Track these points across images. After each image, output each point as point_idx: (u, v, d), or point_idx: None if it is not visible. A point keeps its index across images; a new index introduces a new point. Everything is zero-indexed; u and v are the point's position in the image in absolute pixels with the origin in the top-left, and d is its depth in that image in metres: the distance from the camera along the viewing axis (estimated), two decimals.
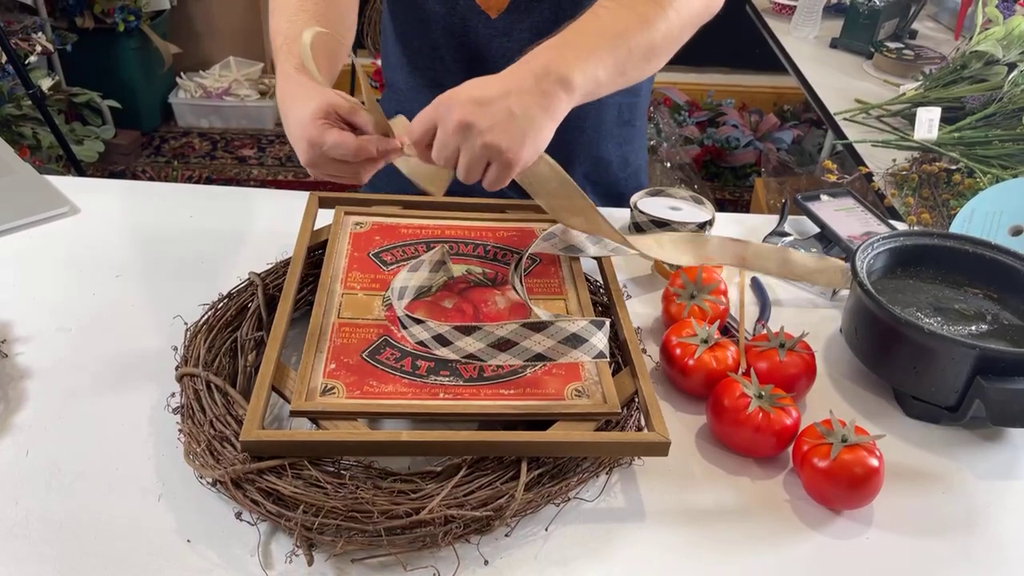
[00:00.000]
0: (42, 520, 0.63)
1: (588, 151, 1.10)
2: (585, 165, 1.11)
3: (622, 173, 1.15)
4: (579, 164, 1.10)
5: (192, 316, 0.78)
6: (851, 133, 1.58)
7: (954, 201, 1.24)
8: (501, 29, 0.96)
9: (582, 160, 1.10)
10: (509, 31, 0.96)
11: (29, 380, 0.76)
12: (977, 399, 0.74)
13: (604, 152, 1.11)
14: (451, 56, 0.99)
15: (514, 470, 0.63)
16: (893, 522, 0.68)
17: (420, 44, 1.01)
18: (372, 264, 0.83)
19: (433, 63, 1.01)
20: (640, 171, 1.19)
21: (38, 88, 2.22)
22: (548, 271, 0.84)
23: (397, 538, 0.59)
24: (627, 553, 0.64)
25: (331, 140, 0.70)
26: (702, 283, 0.85)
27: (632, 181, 1.17)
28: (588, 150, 1.09)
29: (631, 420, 0.70)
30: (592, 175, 1.12)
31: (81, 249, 0.95)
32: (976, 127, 1.43)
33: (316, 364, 0.70)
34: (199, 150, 3.13)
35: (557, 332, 0.67)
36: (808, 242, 1.03)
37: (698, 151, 2.98)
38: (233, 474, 0.61)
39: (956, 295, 0.85)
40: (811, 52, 2.08)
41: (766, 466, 0.72)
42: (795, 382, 0.77)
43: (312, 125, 0.71)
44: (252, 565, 0.60)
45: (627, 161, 1.15)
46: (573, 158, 1.09)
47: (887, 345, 0.79)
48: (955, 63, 1.63)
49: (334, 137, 0.70)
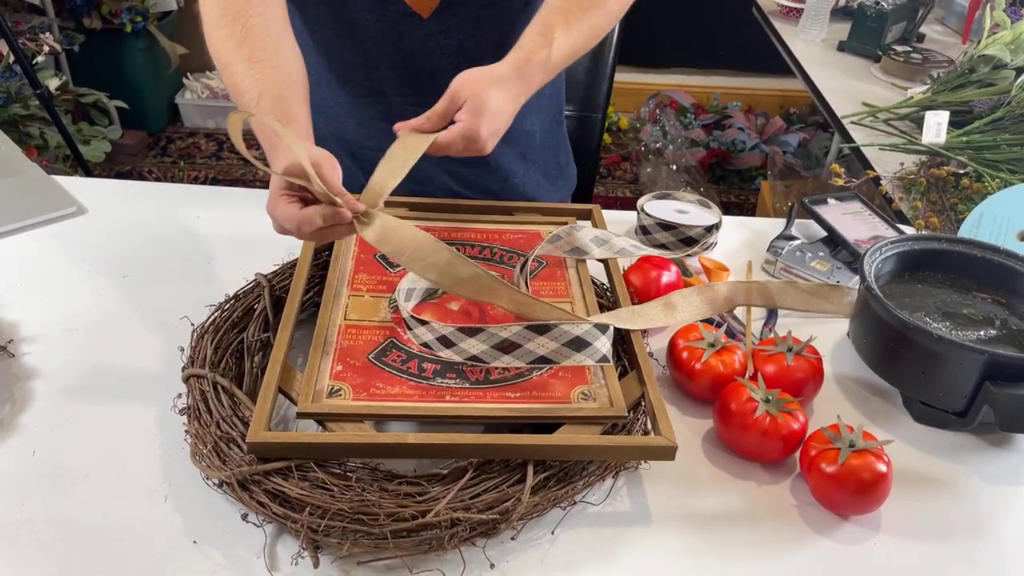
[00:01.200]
0: (48, 521, 0.63)
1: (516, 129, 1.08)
2: (519, 145, 1.09)
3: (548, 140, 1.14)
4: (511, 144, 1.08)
5: (199, 317, 0.78)
6: (858, 136, 1.58)
7: (962, 205, 1.23)
8: (436, 28, 0.94)
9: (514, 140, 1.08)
10: (445, 29, 0.94)
11: (36, 380, 0.76)
12: (986, 404, 0.73)
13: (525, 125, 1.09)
14: (387, 63, 0.98)
15: (520, 473, 0.63)
16: (901, 528, 0.68)
17: (352, 56, 0.98)
18: (378, 266, 0.83)
19: (368, 72, 0.99)
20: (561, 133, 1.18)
21: (45, 88, 2.22)
22: (554, 274, 0.84)
23: (403, 541, 0.59)
24: (633, 557, 0.64)
25: (279, 215, 0.69)
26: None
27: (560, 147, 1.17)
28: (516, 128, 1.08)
29: (638, 424, 0.69)
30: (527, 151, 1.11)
31: (88, 249, 0.95)
32: (984, 131, 1.43)
33: (322, 366, 0.69)
34: (205, 151, 3.14)
35: (561, 335, 0.67)
36: (815, 246, 1.02)
37: (704, 154, 2.98)
38: (239, 475, 0.61)
39: (964, 300, 0.85)
40: (818, 55, 2.08)
41: (773, 471, 0.72)
42: (803, 387, 0.77)
43: (271, 199, 0.70)
44: (258, 567, 0.60)
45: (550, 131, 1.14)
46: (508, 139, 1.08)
47: (895, 350, 0.78)
48: (963, 67, 1.63)
49: (281, 212, 0.69)
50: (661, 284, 0.86)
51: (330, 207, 0.68)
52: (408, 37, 0.95)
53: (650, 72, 3.31)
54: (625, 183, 3.02)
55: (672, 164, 2.79)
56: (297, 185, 0.69)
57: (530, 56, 0.83)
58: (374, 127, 1.04)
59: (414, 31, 0.94)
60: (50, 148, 2.40)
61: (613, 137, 3.22)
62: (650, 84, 3.25)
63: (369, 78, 1.00)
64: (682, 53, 3.24)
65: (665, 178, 2.75)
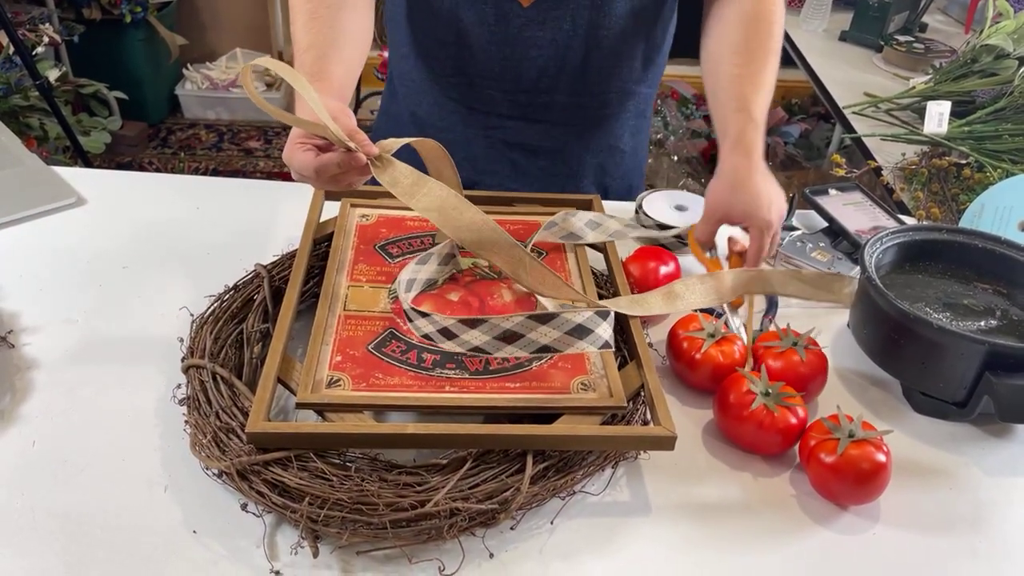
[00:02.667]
0: (48, 511, 0.63)
1: (605, 140, 1.10)
2: (601, 155, 1.11)
3: (632, 163, 1.15)
4: (594, 153, 1.10)
5: (198, 308, 0.78)
6: (860, 127, 1.57)
7: (964, 196, 1.23)
8: (534, 17, 0.95)
9: (598, 149, 1.10)
10: (542, 20, 0.95)
11: (36, 371, 0.76)
12: (986, 395, 0.73)
13: (619, 142, 1.11)
14: (480, 44, 0.98)
15: (519, 463, 0.63)
16: (900, 518, 0.68)
17: (444, 33, 0.99)
18: (378, 256, 0.83)
19: (459, 52, 1.00)
20: (644, 162, 1.19)
21: (45, 79, 2.22)
22: (554, 264, 0.84)
23: (402, 530, 0.59)
24: (632, 547, 0.64)
25: (296, 163, 0.72)
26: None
27: (638, 172, 1.18)
28: (605, 139, 1.09)
29: (637, 414, 0.69)
30: (607, 164, 1.12)
31: (88, 240, 0.95)
32: (986, 121, 1.42)
33: (322, 356, 0.69)
34: (205, 142, 3.13)
35: (563, 323, 0.67)
36: (816, 236, 1.02)
37: (705, 144, 2.97)
38: (239, 465, 0.61)
39: (965, 290, 0.85)
40: (820, 45, 2.07)
41: (772, 462, 0.72)
42: (808, 382, 0.76)
43: (289, 147, 0.73)
44: (258, 557, 0.61)
45: (637, 152, 1.15)
46: (590, 146, 1.09)
47: (895, 340, 0.78)
48: (965, 57, 1.62)
49: (298, 160, 0.71)
50: (660, 275, 0.86)
51: (345, 153, 0.70)
52: (504, 23, 0.95)
53: None
54: None
55: (674, 155, 2.78)
56: (314, 134, 0.71)
57: (750, 145, 0.86)
58: (449, 107, 1.05)
59: (512, 18, 0.95)
60: (50, 139, 2.39)
61: None
62: None
63: (458, 57, 1.01)
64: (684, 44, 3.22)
65: (667, 169, 2.74)
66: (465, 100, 1.04)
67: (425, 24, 1.01)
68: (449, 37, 0.99)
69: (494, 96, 1.02)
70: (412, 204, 0.73)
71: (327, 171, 0.70)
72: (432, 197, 0.73)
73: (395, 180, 0.73)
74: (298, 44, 0.82)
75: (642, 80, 1.06)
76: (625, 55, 1.01)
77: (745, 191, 0.84)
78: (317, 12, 0.83)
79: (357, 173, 0.72)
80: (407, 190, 0.73)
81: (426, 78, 1.05)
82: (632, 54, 1.02)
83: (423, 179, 0.74)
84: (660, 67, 1.09)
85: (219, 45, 3.31)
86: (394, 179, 0.73)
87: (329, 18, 0.83)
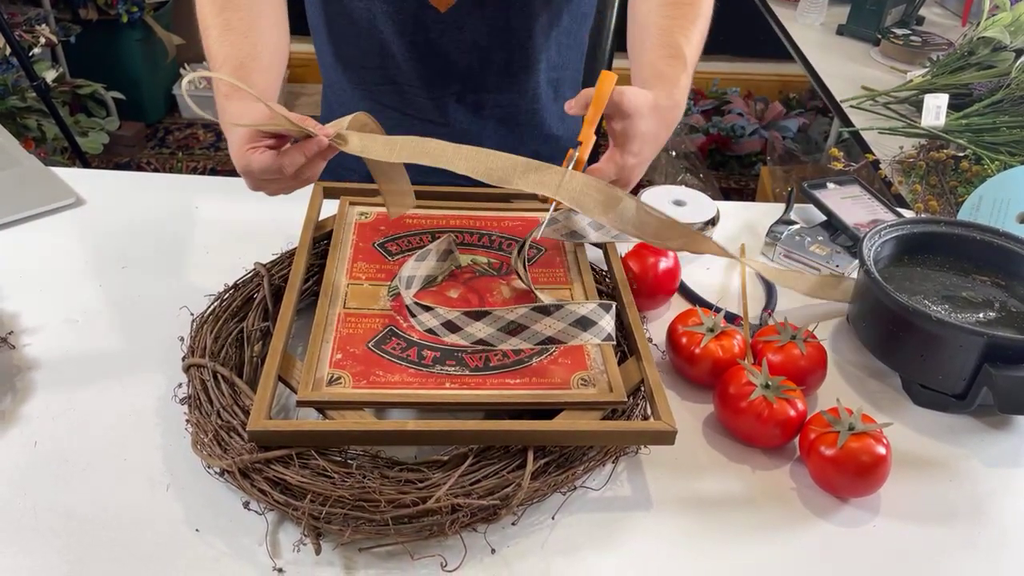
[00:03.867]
0: (50, 511, 0.63)
1: (539, 130, 1.10)
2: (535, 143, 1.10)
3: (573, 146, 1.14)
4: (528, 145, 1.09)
5: (198, 307, 0.78)
6: (857, 120, 1.57)
7: (962, 188, 1.23)
8: (453, 23, 0.95)
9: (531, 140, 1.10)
10: (461, 24, 0.95)
11: (36, 371, 0.76)
12: (985, 387, 0.73)
13: (551, 130, 1.11)
14: (402, 54, 0.98)
15: (520, 459, 0.63)
16: (900, 510, 0.68)
17: (367, 44, 0.99)
18: (377, 254, 0.83)
19: (383, 62, 1.00)
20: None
21: (42, 80, 2.22)
22: (553, 261, 0.84)
23: (404, 527, 0.59)
24: (634, 542, 0.64)
25: (257, 166, 0.71)
26: None
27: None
28: (538, 129, 1.10)
29: (637, 409, 0.70)
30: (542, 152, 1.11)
31: (87, 240, 0.95)
32: (984, 114, 1.42)
33: (322, 354, 0.70)
34: (203, 141, 3.13)
35: (566, 315, 0.67)
36: (814, 230, 1.02)
37: (703, 140, 2.97)
38: (240, 464, 0.61)
39: (964, 282, 0.85)
40: (817, 39, 2.07)
41: (772, 455, 0.72)
42: (808, 375, 0.76)
43: (241, 155, 0.71)
44: (260, 554, 0.61)
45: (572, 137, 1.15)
46: (524, 139, 1.09)
47: (894, 333, 0.78)
48: (962, 49, 1.62)
49: (260, 162, 0.70)
50: (659, 270, 0.86)
51: (305, 140, 0.69)
52: (423, 30, 0.95)
53: None
54: None
55: (671, 150, 2.78)
56: (260, 135, 0.71)
57: (676, 81, 0.81)
58: (387, 115, 1.04)
59: (430, 24, 0.94)
60: (48, 140, 2.39)
61: None
62: None
63: (383, 67, 1.01)
64: None
65: (664, 164, 2.74)
66: (399, 107, 1.04)
67: (346, 33, 1.00)
68: (372, 47, 0.99)
69: (425, 103, 1.02)
70: (394, 159, 0.73)
71: (294, 163, 0.70)
72: (409, 146, 0.73)
73: (365, 147, 0.73)
74: (214, 56, 0.80)
75: (566, 65, 1.07)
76: (543, 46, 1.01)
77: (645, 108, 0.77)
78: (230, 23, 0.80)
79: (321, 158, 0.72)
80: (381, 150, 0.73)
81: (356, 86, 1.05)
82: (549, 43, 1.02)
83: (387, 137, 0.74)
84: (577, 49, 1.09)
85: None
86: (364, 146, 0.73)
87: (242, 30, 0.80)
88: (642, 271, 0.86)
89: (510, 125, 1.07)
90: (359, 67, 1.03)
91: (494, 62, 0.99)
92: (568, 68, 1.08)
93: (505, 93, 1.03)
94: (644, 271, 0.86)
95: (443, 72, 0.99)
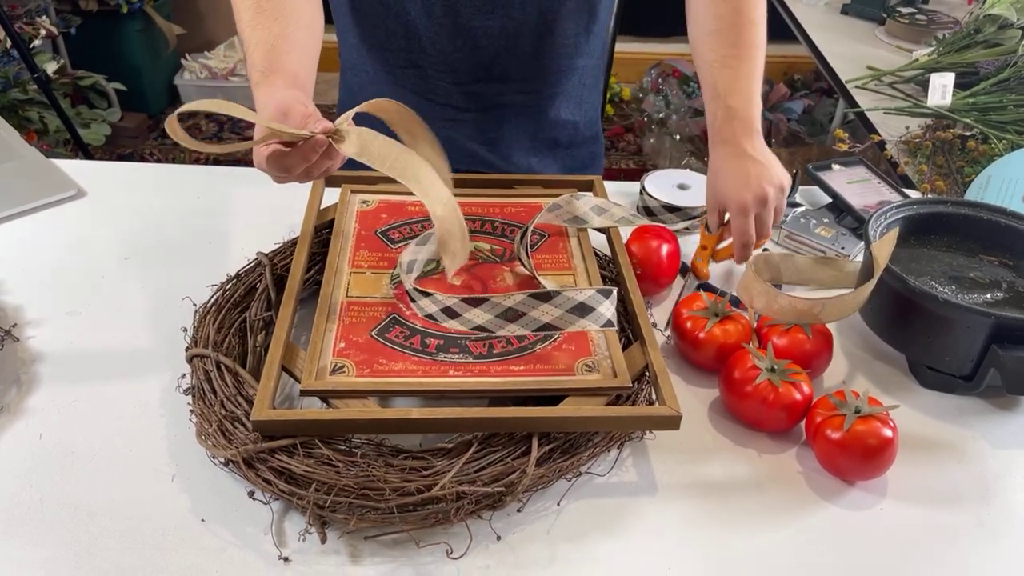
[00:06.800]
0: (57, 502, 0.63)
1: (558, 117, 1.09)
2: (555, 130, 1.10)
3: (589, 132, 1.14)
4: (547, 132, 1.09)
5: (201, 297, 0.78)
6: (863, 101, 1.56)
7: (968, 168, 1.22)
8: (482, 8, 0.94)
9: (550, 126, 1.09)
10: (491, 8, 0.94)
11: (41, 364, 0.76)
12: (992, 368, 0.73)
13: (571, 116, 1.10)
14: (429, 36, 0.98)
15: (525, 446, 0.63)
16: (907, 492, 0.68)
17: (393, 25, 0.98)
18: (379, 242, 0.83)
19: (409, 43, 0.99)
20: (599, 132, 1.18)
21: (43, 72, 2.21)
22: (556, 246, 0.84)
23: (409, 515, 0.59)
24: (639, 527, 0.64)
25: (267, 164, 0.70)
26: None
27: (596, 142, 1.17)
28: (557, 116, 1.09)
29: (642, 394, 0.69)
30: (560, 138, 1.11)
31: (89, 232, 0.95)
32: (990, 92, 1.41)
33: (325, 343, 0.69)
34: (206, 131, 3.13)
35: (564, 302, 0.66)
36: (820, 212, 1.02)
37: None
38: (245, 454, 0.61)
39: (971, 263, 0.84)
40: (821, 19, 2.05)
41: (779, 439, 0.72)
42: (813, 359, 0.76)
43: (255, 152, 0.71)
44: (266, 543, 0.61)
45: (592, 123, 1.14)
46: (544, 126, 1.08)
47: (901, 315, 0.78)
48: (968, 27, 1.60)
49: (269, 160, 0.69)
50: (662, 254, 0.86)
51: (306, 143, 0.68)
52: (453, 14, 0.94)
53: (652, 41, 3.28)
54: (628, 155, 3.00)
55: (676, 134, 2.77)
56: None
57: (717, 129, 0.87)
58: (409, 99, 1.04)
59: (460, 8, 0.94)
60: (50, 132, 2.39)
61: (615, 108, 3.19)
62: (652, 53, 3.22)
63: (408, 49, 1.00)
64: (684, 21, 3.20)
65: (669, 148, 2.73)
66: (421, 91, 1.03)
67: (372, 14, 1.00)
68: (398, 29, 0.98)
69: (448, 88, 1.01)
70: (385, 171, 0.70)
71: (295, 165, 0.69)
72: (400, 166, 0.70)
73: (362, 150, 0.70)
74: (247, 42, 0.80)
75: (591, 53, 1.06)
76: (571, 33, 1.00)
77: (719, 179, 0.86)
78: (261, 6, 0.81)
79: (326, 157, 0.70)
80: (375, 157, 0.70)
81: (379, 69, 1.04)
82: (578, 31, 1.01)
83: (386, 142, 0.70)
84: (601, 37, 1.09)
85: (217, 33, 3.29)
86: (361, 149, 0.70)
87: (273, 12, 0.80)
88: (645, 255, 0.86)
89: (530, 112, 1.06)
90: (383, 49, 1.02)
91: (521, 49, 0.98)
92: (592, 56, 1.07)
93: (528, 80, 1.02)
94: (647, 254, 0.86)
95: (469, 57, 0.98)
